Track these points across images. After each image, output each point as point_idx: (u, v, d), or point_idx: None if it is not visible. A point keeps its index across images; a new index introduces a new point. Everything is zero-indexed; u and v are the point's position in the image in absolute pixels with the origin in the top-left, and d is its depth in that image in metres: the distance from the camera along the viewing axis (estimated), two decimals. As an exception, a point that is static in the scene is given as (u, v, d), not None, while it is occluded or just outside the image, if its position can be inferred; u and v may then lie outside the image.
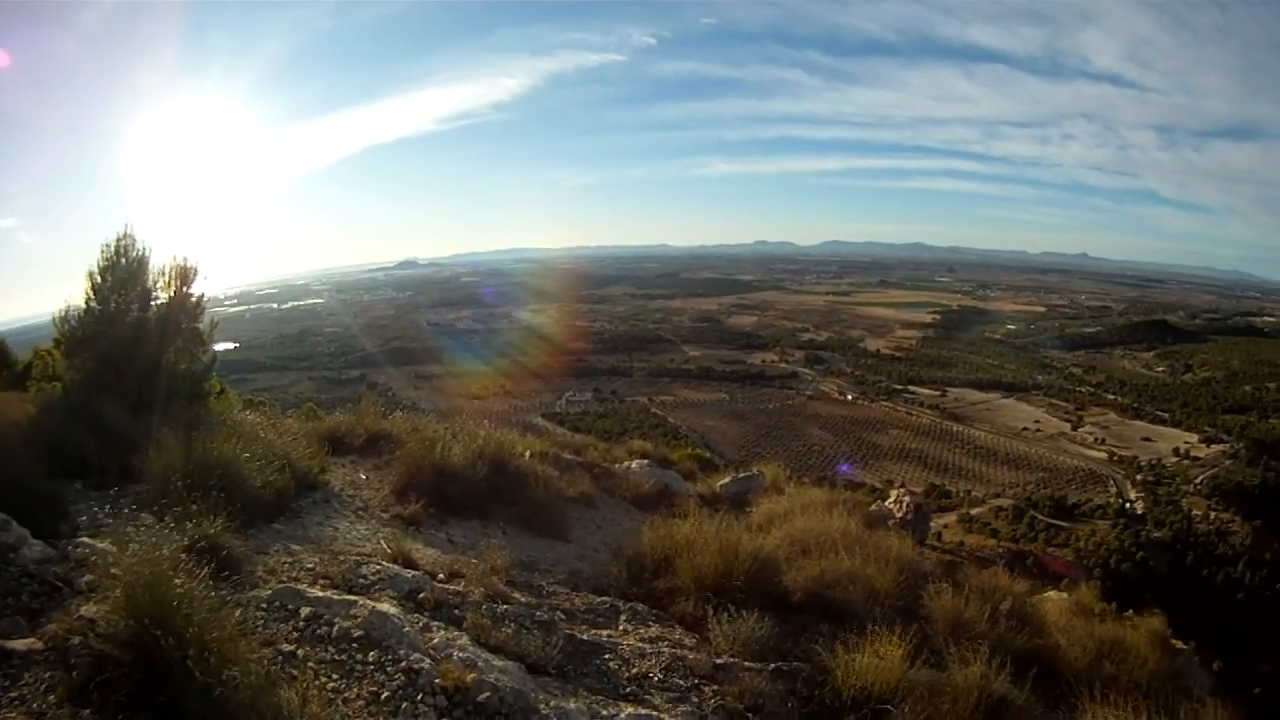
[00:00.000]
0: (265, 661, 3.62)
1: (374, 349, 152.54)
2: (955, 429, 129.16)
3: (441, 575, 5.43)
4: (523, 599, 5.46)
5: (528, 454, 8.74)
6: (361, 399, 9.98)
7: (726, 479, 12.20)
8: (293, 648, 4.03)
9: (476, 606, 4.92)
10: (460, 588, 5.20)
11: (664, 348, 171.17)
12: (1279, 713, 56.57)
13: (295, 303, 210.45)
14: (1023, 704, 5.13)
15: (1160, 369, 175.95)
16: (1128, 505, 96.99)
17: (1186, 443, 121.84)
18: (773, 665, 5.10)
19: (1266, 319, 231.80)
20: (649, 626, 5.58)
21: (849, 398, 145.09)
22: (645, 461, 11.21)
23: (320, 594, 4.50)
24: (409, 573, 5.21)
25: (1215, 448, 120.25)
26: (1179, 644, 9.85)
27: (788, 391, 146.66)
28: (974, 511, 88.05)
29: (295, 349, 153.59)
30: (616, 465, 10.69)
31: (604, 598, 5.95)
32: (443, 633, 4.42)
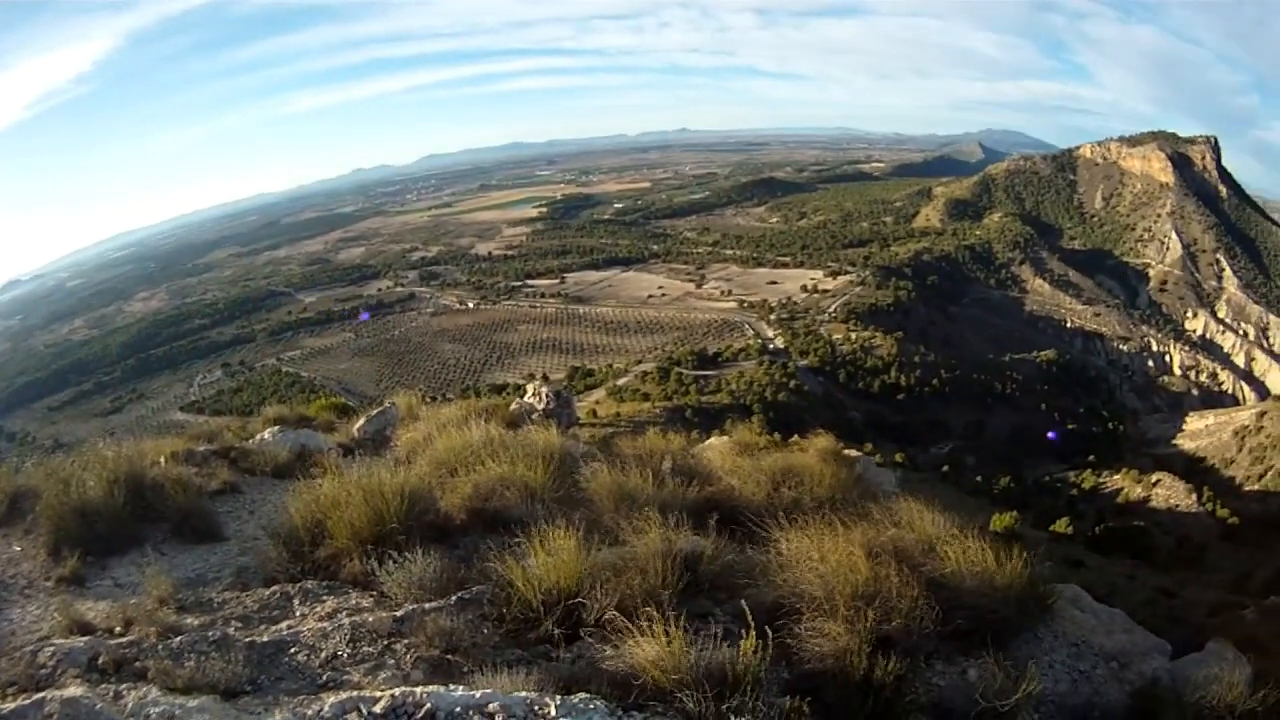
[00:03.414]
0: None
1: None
2: (582, 311, 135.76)
3: (118, 628, 4.94)
4: (196, 621, 5.13)
5: (162, 460, 8.17)
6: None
7: (361, 420, 11.78)
8: (13, 781, 3.63)
9: (154, 650, 4.52)
10: (135, 635, 4.75)
11: (280, 301, 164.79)
12: (968, 480, 68.36)
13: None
14: (714, 551, 5.23)
15: (774, 220, 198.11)
16: (769, 344, 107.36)
17: (812, 279, 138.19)
18: (455, 598, 5.00)
19: (875, 164, 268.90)
20: (323, 602, 5.37)
21: (471, 305, 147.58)
22: (278, 428, 10.59)
23: (12, 706, 4.01)
24: (81, 640, 4.72)
25: (842, 279, 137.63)
26: (853, 453, 10.75)
27: (410, 314, 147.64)
28: (621, 382, 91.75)
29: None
30: (251, 441, 10.07)
31: (274, 587, 5.68)
32: (134, 693, 4.05)
